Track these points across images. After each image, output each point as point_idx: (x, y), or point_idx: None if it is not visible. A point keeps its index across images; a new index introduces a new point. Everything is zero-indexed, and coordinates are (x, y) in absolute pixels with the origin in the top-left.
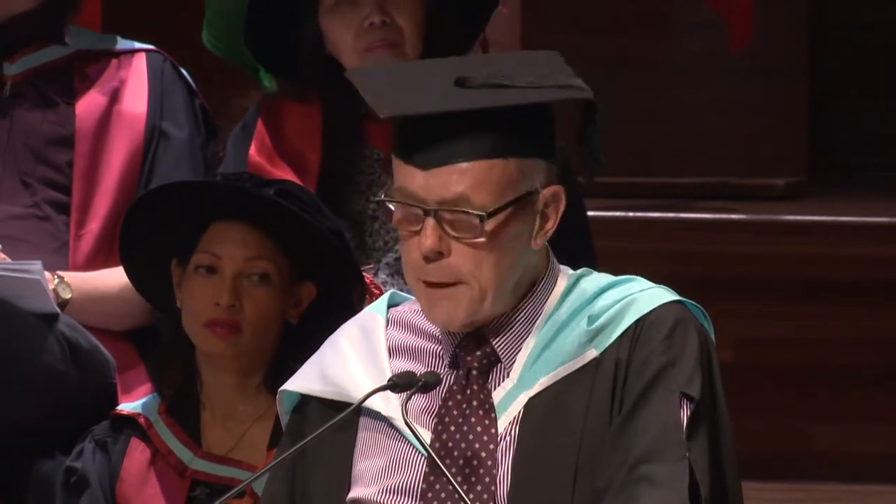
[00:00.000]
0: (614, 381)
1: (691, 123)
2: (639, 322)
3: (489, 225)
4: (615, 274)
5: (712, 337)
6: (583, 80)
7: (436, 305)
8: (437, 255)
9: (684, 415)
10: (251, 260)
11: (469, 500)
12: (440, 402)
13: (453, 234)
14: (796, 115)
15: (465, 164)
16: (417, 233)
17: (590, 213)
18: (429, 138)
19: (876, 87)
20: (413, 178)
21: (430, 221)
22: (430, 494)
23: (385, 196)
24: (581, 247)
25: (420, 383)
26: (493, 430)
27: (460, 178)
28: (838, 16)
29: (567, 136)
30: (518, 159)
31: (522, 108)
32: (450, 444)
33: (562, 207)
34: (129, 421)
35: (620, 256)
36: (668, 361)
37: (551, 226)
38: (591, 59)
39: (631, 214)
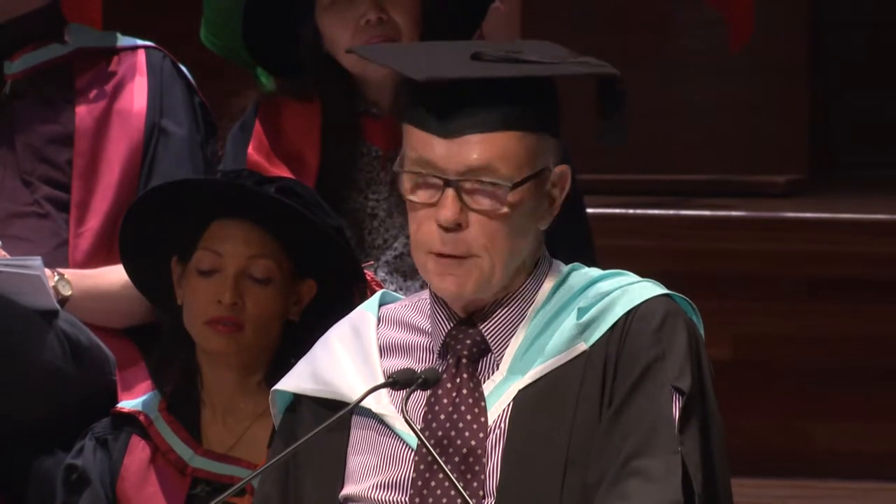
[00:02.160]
0: (604, 374)
1: (692, 121)
2: (628, 315)
3: (512, 196)
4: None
5: (701, 331)
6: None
7: (446, 276)
8: (455, 227)
9: (675, 408)
10: (253, 258)
11: (461, 489)
12: (429, 391)
13: (473, 206)
14: (797, 112)
15: (490, 134)
16: (433, 204)
17: (591, 211)
18: (453, 106)
19: (876, 86)
20: (432, 148)
21: (451, 192)
22: (420, 483)
23: (399, 166)
24: (580, 244)
25: (420, 380)
26: (482, 420)
27: (485, 147)
28: (838, 15)
29: (582, 116)
30: (536, 134)
31: (541, 83)
32: (440, 434)
33: (567, 188)
34: (130, 418)
35: (621, 253)
36: (658, 355)
37: (557, 207)
38: (592, 57)
39: (632, 211)
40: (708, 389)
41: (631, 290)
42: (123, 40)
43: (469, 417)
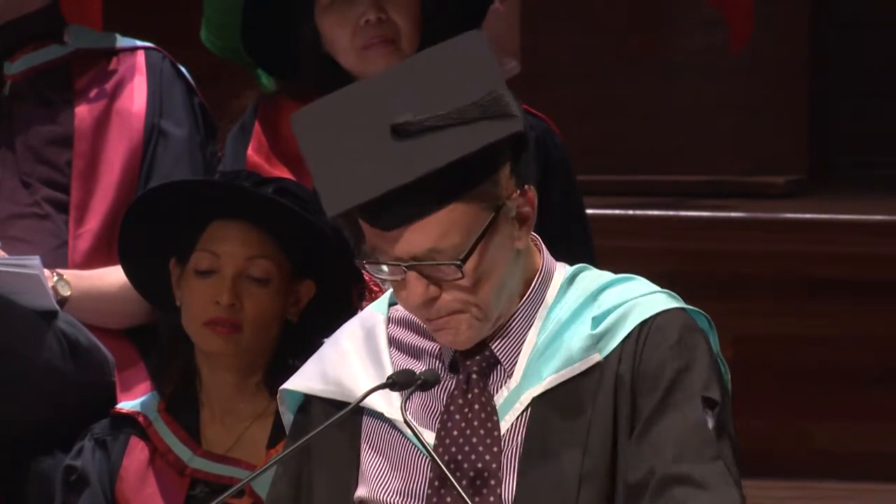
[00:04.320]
0: (615, 386)
1: (692, 121)
2: (642, 326)
3: (468, 266)
4: (615, 272)
5: (716, 342)
6: (581, 76)
7: (440, 333)
8: (429, 301)
9: (709, 418)
10: (251, 259)
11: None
12: (443, 408)
13: (435, 279)
14: (797, 113)
15: (424, 220)
16: (401, 282)
17: (590, 211)
18: (382, 203)
19: (876, 86)
20: (381, 239)
21: (412, 275)
22: (435, 500)
23: (362, 258)
24: (580, 244)
25: (419, 381)
26: (495, 434)
27: (424, 234)
28: (838, 15)
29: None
30: (476, 189)
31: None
32: (453, 450)
33: (534, 197)
34: (129, 419)
35: (620, 254)
36: (683, 367)
37: (531, 221)
38: (592, 57)
39: (631, 212)
40: (728, 402)
41: (645, 302)
42: (123, 41)
43: (482, 433)
